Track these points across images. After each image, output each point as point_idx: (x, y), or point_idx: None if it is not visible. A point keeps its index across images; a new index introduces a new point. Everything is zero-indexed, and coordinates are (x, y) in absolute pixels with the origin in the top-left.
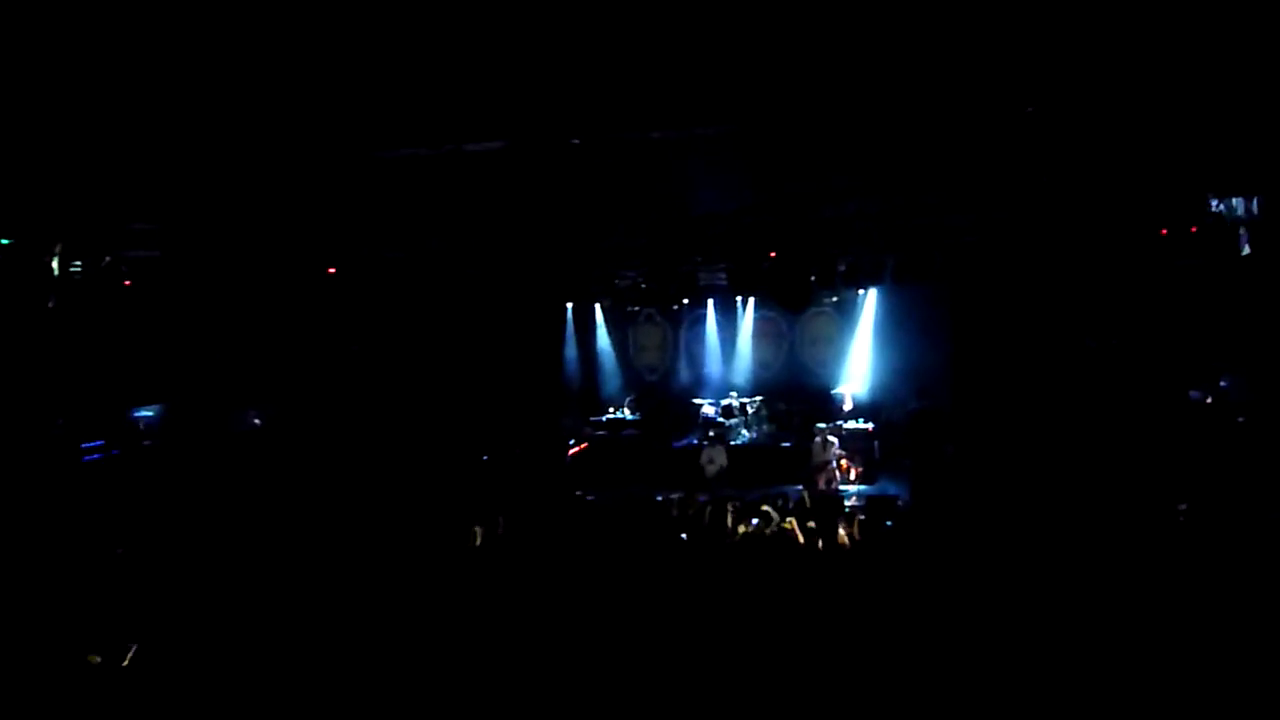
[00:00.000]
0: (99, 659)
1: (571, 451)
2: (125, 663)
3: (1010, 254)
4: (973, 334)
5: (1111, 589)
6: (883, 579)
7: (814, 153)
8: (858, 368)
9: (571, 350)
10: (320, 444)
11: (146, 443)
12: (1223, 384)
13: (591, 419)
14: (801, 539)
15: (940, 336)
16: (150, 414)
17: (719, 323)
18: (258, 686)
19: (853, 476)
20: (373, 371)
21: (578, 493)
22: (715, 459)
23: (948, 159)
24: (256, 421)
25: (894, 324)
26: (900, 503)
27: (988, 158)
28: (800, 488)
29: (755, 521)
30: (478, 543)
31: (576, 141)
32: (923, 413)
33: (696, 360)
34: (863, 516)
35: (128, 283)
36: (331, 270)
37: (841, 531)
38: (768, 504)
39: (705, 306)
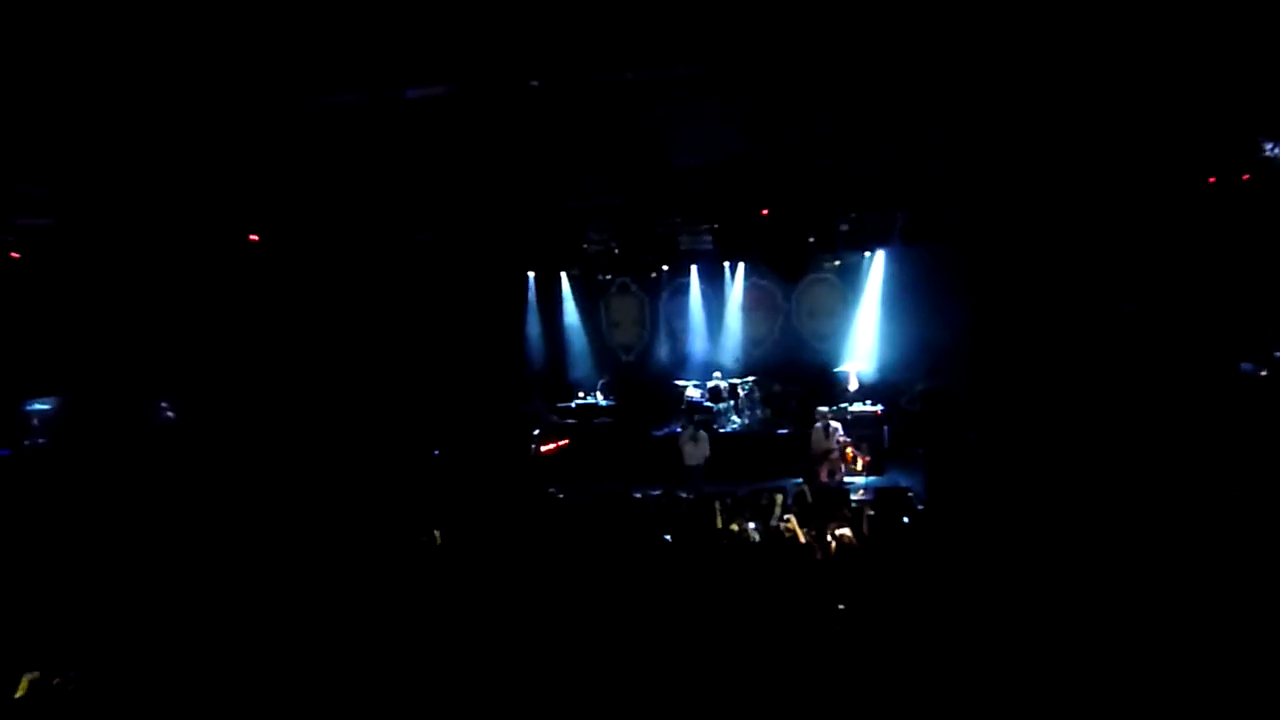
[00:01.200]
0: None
1: (546, 448)
2: (19, 694)
3: (1037, 209)
4: (995, 301)
5: (1159, 595)
6: (896, 585)
7: (810, 93)
8: (863, 342)
9: (534, 327)
10: (244, 440)
11: (41, 440)
12: (1279, 355)
13: (558, 406)
14: (801, 539)
15: (957, 305)
16: (46, 407)
17: (704, 293)
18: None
19: (859, 467)
20: (304, 355)
21: (546, 491)
22: (696, 447)
23: (964, 98)
24: (170, 414)
25: (905, 291)
26: (914, 496)
27: (1010, 95)
28: (799, 481)
29: (749, 522)
30: (425, 552)
31: (535, 84)
32: (939, 393)
33: (678, 337)
34: (871, 512)
35: (16, 255)
36: (253, 238)
37: (847, 530)
38: (762, 500)
39: (688, 274)
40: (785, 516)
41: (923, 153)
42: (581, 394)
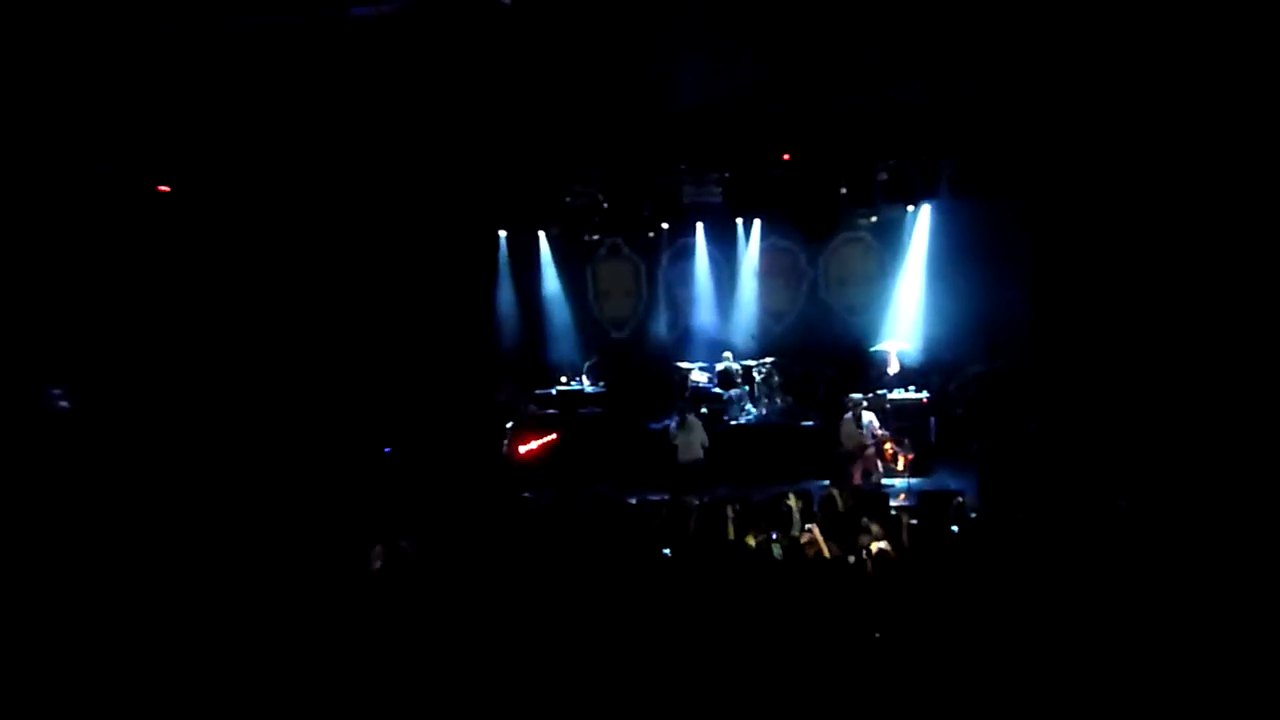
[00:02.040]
0: None
1: (527, 449)
2: None
3: (1115, 156)
4: (1064, 266)
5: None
6: (943, 610)
7: (839, 15)
8: (905, 316)
9: (506, 298)
10: (156, 433)
11: None
12: None
13: (536, 393)
14: (829, 553)
15: (1018, 271)
16: None
17: (711, 256)
18: None
19: (900, 466)
20: (226, 329)
21: (520, 496)
22: (688, 437)
23: (1025, 21)
24: (63, 404)
25: (955, 254)
26: (965, 502)
27: (1081, 20)
28: (826, 484)
29: (769, 533)
30: (376, 570)
31: (507, 1)
32: (996, 377)
33: (680, 309)
34: (914, 521)
35: None
36: (164, 189)
37: (884, 544)
38: (781, 506)
39: (692, 234)
40: (807, 526)
41: (976, 87)
42: (564, 379)
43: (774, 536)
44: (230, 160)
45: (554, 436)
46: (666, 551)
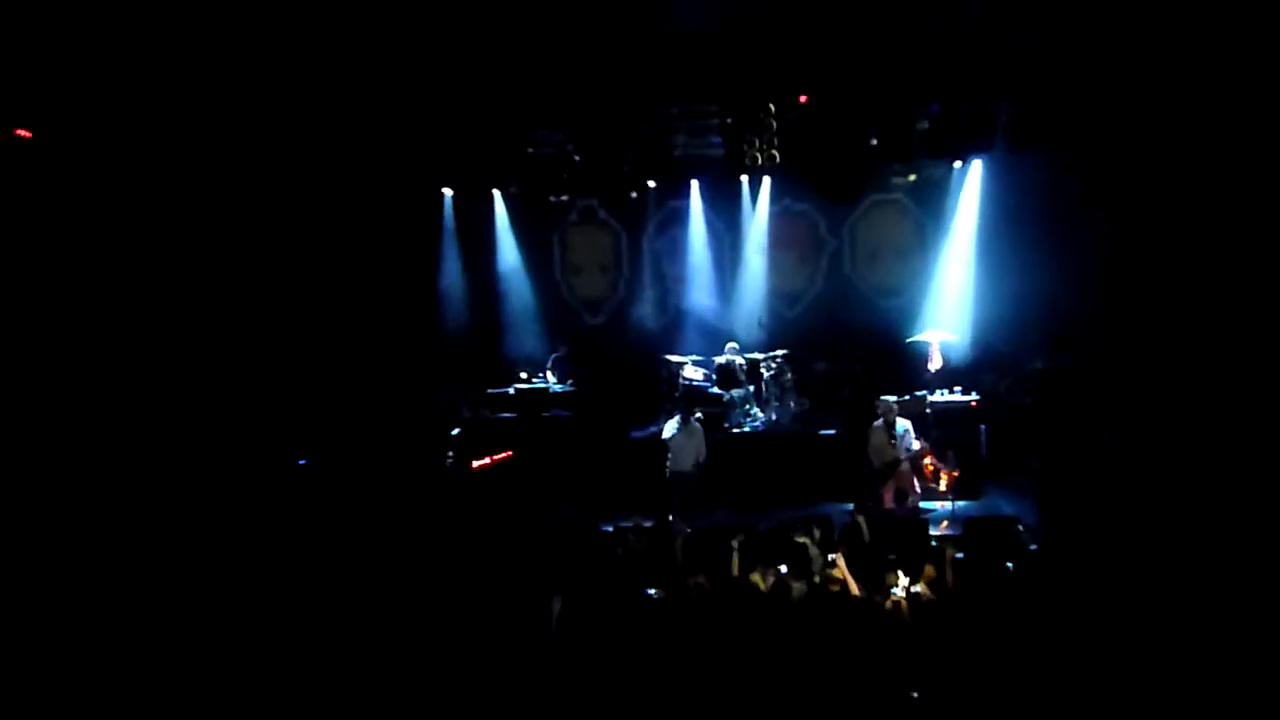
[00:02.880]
0: None
1: (476, 462)
2: None
3: (1210, 105)
4: (1147, 242)
5: None
6: (994, 663)
7: None
8: (950, 299)
9: (452, 273)
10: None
11: None
12: None
13: (489, 393)
14: (856, 592)
15: (1091, 246)
16: None
17: (709, 223)
18: None
19: (943, 486)
20: (100, 312)
21: (470, 521)
22: (687, 441)
23: None
24: None
25: (1011, 223)
26: (1023, 530)
27: None
28: (851, 507)
29: (780, 567)
30: (291, 611)
31: None
32: (1061, 375)
33: (671, 289)
34: (960, 554)
35: None
36: (24, 134)
37: (921, 587)
38: (795, 535)
39: (686, 194)
40: (832, 557)
41: (1040, 15)
42: (524, 375)
43: (783, 571)
44: (105, 95)
45: (508, 454)
46: (651, 593)
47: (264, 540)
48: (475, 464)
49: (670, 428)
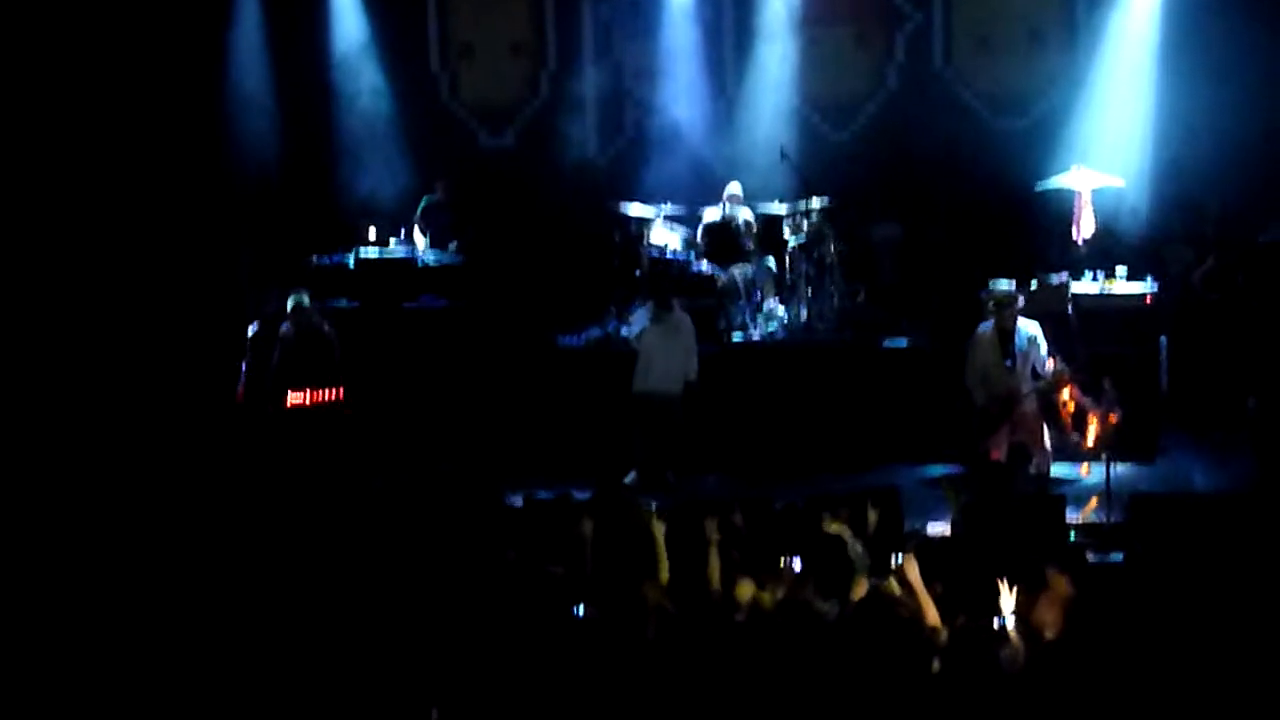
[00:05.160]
0: None
1: (296, 399)
2: None
3: None
4: None
5: None
6: None
7: None
8: (1115, 121)
9: (253, 64)
10: None
11: None
12: None
13: (319, 263)
14: (934, 621)
15: None
16: None
17: None
18: None
19: (1092, 438)
20: None
21: (295, 486)
22: (665, 343)
23: None
24: None
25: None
26: (1225, 512)
27: None
28: (944, 471)
29: (791, 571)
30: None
31: None
32: None
33: (630, 90)
34: (1117, 556)
35: None
36: None
37: (1047, 614)
38: (834, 522)
39: None
40: (893, 561)
41: None
42: (373, 235)
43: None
44: None
45: (334, 392)
46: (579, 611)
47: None
48: (290, 398)
49: (637, 323)
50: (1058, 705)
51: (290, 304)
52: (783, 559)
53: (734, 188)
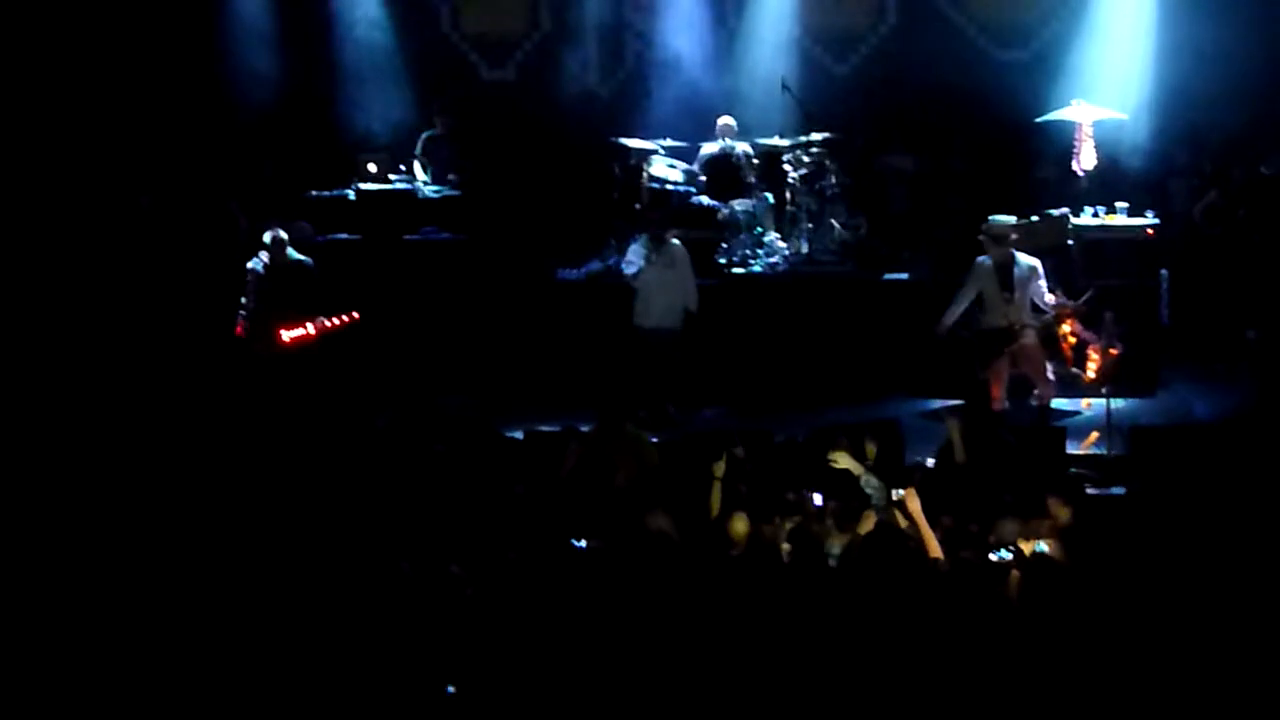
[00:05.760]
0: None
1: (295, 335)
2: None
3: None
4: None
5: None
6: (1176, 677)
7: None
8: (1116, 52)
9: (255, 2)
10: None
11: None
12: None
13: (313, 196)
14: (936, 553)
15: None
16: None
17: None
18: None
19: (1091, 371)
20: None
21: (293, 420)
22: (660, 276)
23: None
24: None
25: None
26: (1222, 444)
27: None
28: (939, 407)
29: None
30: None
31: None
32: None
33: (629, 22)
34: (1118, 490)
35: None
36: None
37: (1047, 545)
38: (839, 453)
39: None
40: (897, 494)
41: None
42: (373, 167)
43: (828, 517)
44: None
45: (346, 319)
46: (581, 543)
47: None
48: (287, 333)
49: (635, 257)
50: (1059, 634)
51: (267, 238)
52: (803, 493)
53: (728, 120)
